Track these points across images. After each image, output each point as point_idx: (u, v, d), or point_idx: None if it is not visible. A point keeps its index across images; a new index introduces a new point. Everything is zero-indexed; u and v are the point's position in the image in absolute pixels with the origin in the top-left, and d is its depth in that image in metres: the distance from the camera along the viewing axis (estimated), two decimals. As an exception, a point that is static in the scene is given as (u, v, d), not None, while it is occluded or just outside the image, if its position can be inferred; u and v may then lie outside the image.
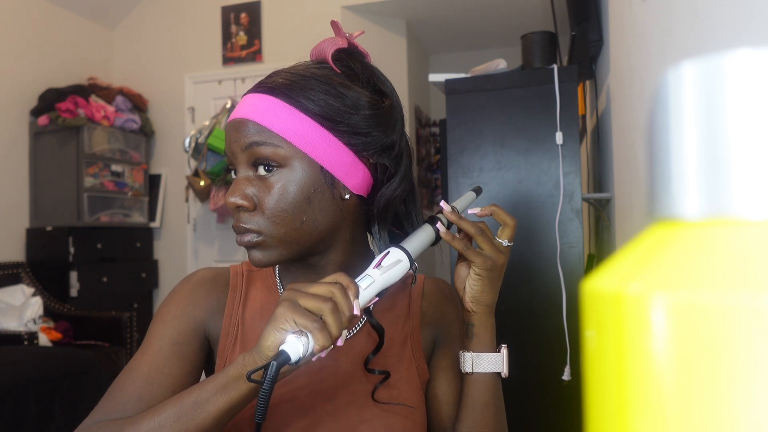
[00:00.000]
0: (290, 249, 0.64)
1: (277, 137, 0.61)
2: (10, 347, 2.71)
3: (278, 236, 0.62)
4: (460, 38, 4.80)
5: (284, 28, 3.94)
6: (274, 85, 0.63)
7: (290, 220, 0.62)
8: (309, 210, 0.63)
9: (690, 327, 0.14)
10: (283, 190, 0.62)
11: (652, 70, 1.02)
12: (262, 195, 0.62)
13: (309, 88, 0.63)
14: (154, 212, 4.20)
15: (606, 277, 0.17)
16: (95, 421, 0.61)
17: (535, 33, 1.81)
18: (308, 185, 0.62)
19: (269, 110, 0.62)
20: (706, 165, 0.16)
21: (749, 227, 0.16)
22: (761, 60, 0.16)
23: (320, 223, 0.64)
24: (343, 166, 0.64)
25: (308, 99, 0.62)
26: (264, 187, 0.62)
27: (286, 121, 0.61)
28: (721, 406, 0.14)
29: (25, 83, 3.68)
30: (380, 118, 0.66)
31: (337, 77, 0.64)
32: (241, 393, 0.55)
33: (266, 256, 0.63)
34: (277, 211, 0.62)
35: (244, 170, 0.63)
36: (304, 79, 0.63)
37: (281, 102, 0.62)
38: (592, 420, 0.17)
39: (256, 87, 0.65)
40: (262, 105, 0.62)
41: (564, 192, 1.67)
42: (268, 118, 0.62)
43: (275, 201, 0.62)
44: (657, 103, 0.18)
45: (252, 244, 0.63)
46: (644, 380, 0.15)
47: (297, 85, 0.63)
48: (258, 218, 0.62)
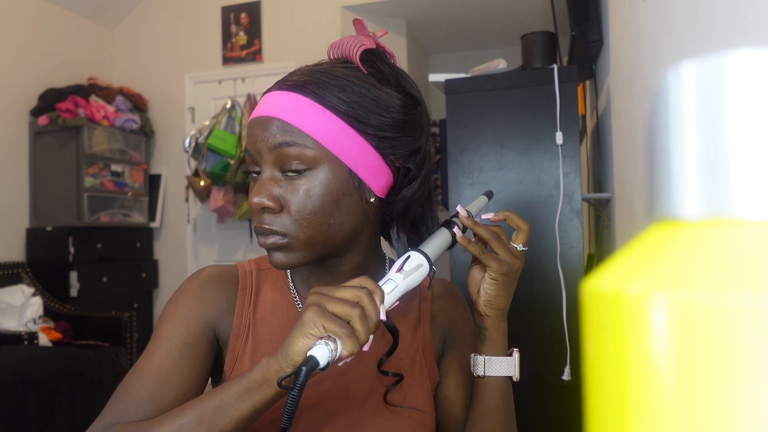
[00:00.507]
0: (314, 252, 0.63)
1: (307, 137, 0.59)
2: (10, 347, 2.71)
3: (304, 239, 0.61)
4: (460, 38, 4.80)
5: (284, 28, 3.94)
6: (303, 83, 0.61)
7: (318, 223, 0.61)
8: (337, 213, 0.61)
9: (690, 327, 0.14)
10: (311, 192, 0.60)
11: (652, 70, 1.02)
12: (290, 196, 0.60)
13: (340, 88, 0.61)
14: (154, 212, 4.20)
15: (606, 277, 0.17)
16: (106, 425, 0.59)
17: (535, 33, 1.81)
18: (337, 188, 0.61)
19: (299, 109, 0.60)
20: (706, 165, 0.16)
21: (749, 227, 0.16)
22: (761, 60, 0.16)
23: (346, 226, 0.63)
24: (370, 169, 0.62)
25: (339, 99, 0.60)
26: (291, 189, 0.61)
27: (317, 122, 0.60)
28: (721, 406, 0.14)
29: (25, 83, 3.68)
30: (411, 122, 0.64)
31: (368, 78, 0.63)
32: (266, 398, 0.54)
33: (290, 259, 0.62)
34: (305, 214, 0.60)
35: (270, 170, 0.62)
36: (335, 78, 0.61)
37: (311, 101, 0.60)
38: (592, 420, 0.17)
39: (282, 84, 0.63)
40: (291, 103, 0.60)
41: (564, 192, 1.67)
42: (297, 117, 0.60)
43: (303, 203, 0.60)
44: (657, 103, 0.18)
45: (277, 246, 0.61)
46: (644, 380, 0.15)
47: (328, 85, 0.61)
48: (284, 220, 0.61)
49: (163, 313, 0.68)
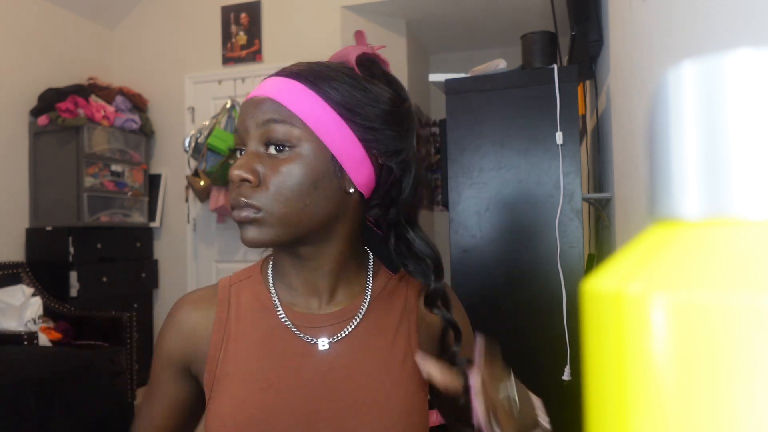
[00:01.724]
0: (287, 231, 0.63)
1: (295, 117, 0.62)
2: (10, 347, 2.71)
3: (278, 215, 0.62)
4: (460, 38, 4.80)
5: (284, 28, 3.94)
6: (298, 71, 0.64)
7: (294, 201, 0.62)
8: (314, 195, 0.63)
9: (690, 327, 0.14)
10: (291, 170, 0.62)
11: (652, 70, 1.02)
12: (270, 173, 0.62)
13: (333, 78, 0.64)
14: (154, 212, 4.20)
15: (606, 277, 0.17)
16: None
17: (535, 33, 1.81)
18: (317, 170, 0.62)
19: (290, 91, 0.63)
20: (706, 165, 0.16)
21: (749, 227, 0.16)
22: (761, 60, 0.16)
23: (322, 210, 0.64)
24: (352, 160, 0.64)
25: (331, 87, 0.63)
26: (272, 165, 0.62)
27: (306, 104, 0.62)
28: (721, 406, 0.14)
29: (25, 83, 3.68)
30: (396, 116, 0.67)
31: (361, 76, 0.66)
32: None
33: (261, 234, 0.63)
34: (283, 190, 0.61)
35: (255, 146, 0.64)
36: (329, 69, 0.65)
37: (303, 86, 0.63)
38: (592, 420, 0.17)
39: (279, 72, 0.66)
40: (284, 86, 0.63)
41: (564, 192, 1.67)
42: (288, 98, 0.62)
43: (282, 180, 0.62)
44: (657, 103, 0.18)
45: (249, 220, 0.62)
46: (644, 380, 0.15)
47: (321, 74, 0.64)
48: (261, 194, 0.62)
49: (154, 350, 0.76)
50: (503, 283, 1.75)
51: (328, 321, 0.70)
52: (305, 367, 0.68)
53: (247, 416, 0.65)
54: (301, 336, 0.68)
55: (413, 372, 0.71)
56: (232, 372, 0.68)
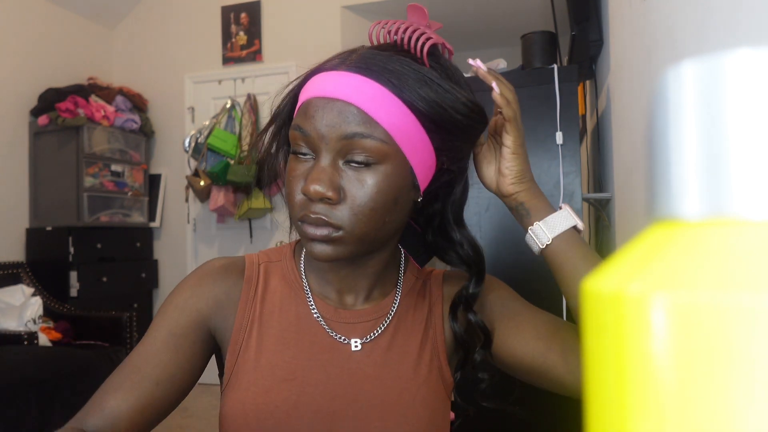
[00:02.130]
0: (362, 248, 0.60)
1: (382, 131, 0.56)
2: (10, 347, 2.71)
3: (359, 234, 0.58)
4: (460, 38, 4.80)
5: (284, 28, 3.94)
6: (380, 70, 0.57)
7: (376, 220, 0.58)
8: (394, 211, 0.59)
9: (690, 327, 0.14)
10: (377, 187, 0.57)
11: (652, 70, 1.02)
12: (352, 188, 0.57)
13: (421, 83, 0.57)
14: (154, 212, 4.20)
15: (606, 277, 0.17)
16: (76, 419, 0.60)
17: (535, 33, 1.81)
18: (400, 185, 0.58)
19: (376, 99, 0.56)
20: (706, 165, 0.16)
21: (749, 227, 0.16)
22: (761, 60, 0.16)
23: (398, 224, 0.61)
24: (425, 169, 0.60)
25: (417, 94, 0.57)
26: (355, 180, 0.57)
27: (393, 115, 0.56)
28: (721, 406, 0.14)
29: (25, 83, 3.68)
30: (474, 129, 0.63)
31: (444, 77, 0.59)
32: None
33: (336, 252, 0.59)
34: (367, 209, 0.57)
35: (332, 157, 0.57)
36: (414, 72, 0.57)
37: (388, 92, 0.56)
38: (592, 420, 0.17)
39: (353, 66, 0.57)
40: (368, 91, 0.56)
41: (564, 192, 1.67)
42: (375, 107, 0.56)
43: (367, 197, 0.57)
44: (657, 103, 0.18)
45: (329, 239, 0.58)
46: (644, 380, 0.15)
47: (408, 78, 0.57)
48: (342, 212, 0.57)
49: (161, 305, 0.67)
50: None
51: (361, 318, 0.68)
52: (333, 363, 0.65)
53: (270, 406, 0.63)
54: (331, 333, 0.66)
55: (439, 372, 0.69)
56: (257, 358, 0.65)
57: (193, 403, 3.36)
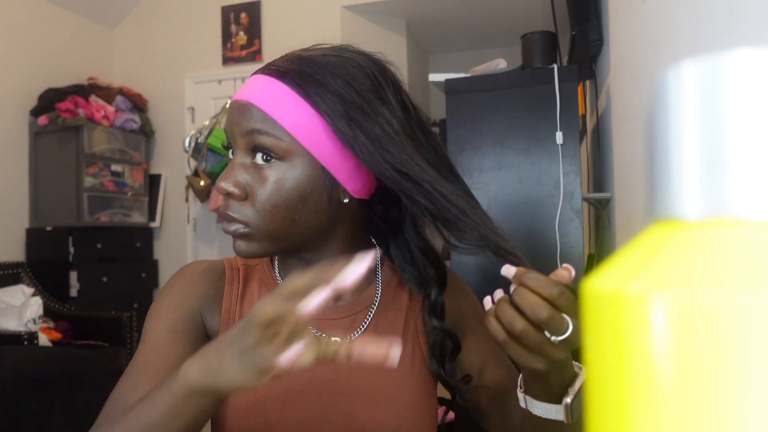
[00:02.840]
0: (277, 244, 0.62)
1: (281, 129, 0.58)
2: (10, 347, 2.71)
3: (266, 231, 0.60)
4: (460, 38, 4.80)
5: (284, 28, 3.94)
6: (287, 70, 0.59)
7: (281, 218, 0.59)
8: (303, 209, 0.60)
9: (690, 327, 0.14)
10: (278, 184, 0.58)
11: (652, 70, 1.02)
12: (256, 185, 0.59)
13: (323, 81, 0.58)
14: (154, 212, 4.20)
15: (606, 277, 0.17)
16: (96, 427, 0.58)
17: (535, 33, 1.81)
18: (306, 184, 0.59)
19: (277, 98, 0.58)
20: (706, 165, 0.16)
21: (749, 227, 0.16)
22: (761, 60, 0.16)
23: (312, 223, 0.61)
24: (346, 170, 0.60)
25: (320, 94, 0.57)
26: (259, 177, 0.59)
27: (293, 114, 0.57)
28: (721, 406, 0.14)
29: (25, 83, 3.68)
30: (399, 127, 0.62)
31: (359, 74, 0.60)
32: (200, 406, 0.48)
33: (251, 248, 0.61)
34: (269, 206, 0.59)
35: (241, 156, 0.60)
36: (321, 69, 0.58)
37: (291, 91, 0.58)
38: (592, 420, 0.17)
39: (267, 69, 0.61)
40: (270, 90, 0.58)
41: (564, 192, 1.67)
42: (274, 106, 0.58)
43: (268, 195, 0.59)
44: (657, 103, 0.18)
45: (238, 235, 0.61)
46: (644, 380, 0.15)
47: (310, 77, 0.58)
48: (248, 209, 0.59)
49: (150, 310, 0.67)
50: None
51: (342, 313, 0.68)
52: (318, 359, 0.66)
53: (259, 403, 0.64)
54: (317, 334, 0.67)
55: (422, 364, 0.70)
56: None
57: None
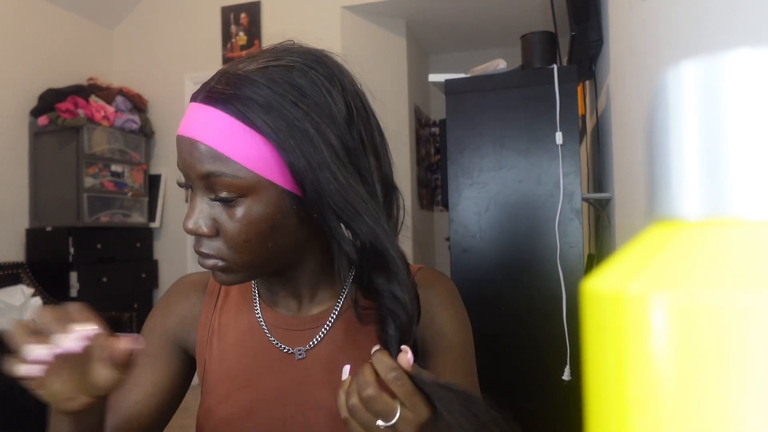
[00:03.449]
0: (257, 271, 0.61)
1: (236, 165, 0.55)
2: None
3: (242, 263, 0.59)
4: (460, 38, 4.80)
5: (284, 28, 3.90)
6: (227, 97, 0.55)
7: (253, 248, 0.58)
8: (274, 236, 0.58)
9: (690, 327, 0.14)
10: (246, 219, 0.56)
11: (652, 70, 1.02)
12: (224, 221, 0.57)
13: (266, 105, 0.54)
14: (154, 212, 4.20)
15: (606, 277, 0.17)
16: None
17: (535, 33, 1.81)
18: (273, 212, 0.57)
19: (223, 132, 0.54)
20: (706, 165, 0.16)
21: (749, 227, 0.16)
22: (761, 60, 0.16)
23: (287, 244, 0.60)
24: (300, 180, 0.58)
25: (266, 121, 0.54)
26: (226, 214, 0.57)
27: (243, 146, 0.54)
28: (721, 407, 0.14)
29: (25, 83, 3.68)
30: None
31: (303, 80, 0.57)
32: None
33: (231, 278, 0.61)
34: (240, 241, 0.57)
35: (201, 195, 0.58)
36: (262, 90, 0.55)
37: (236, 121, 0.54)
38: (592, 420, 0.17)
39: (205, 96, 0.57)
40: (215, 124, 0.55)
41: (564, 192, 1.67)
42: (222, 141, 0.54)
43: (236, 231, 0.57)
44: (657, 103, 0.18)
45: (217, 268, 0.59)
46: (644, 380, 0.15)
47: (253, 102, 0.54)
48: (220, 245, 0.58)
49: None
50: (503, 283, 1.75)
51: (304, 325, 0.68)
52: (282, 370, 0.67)
53: (227, 413, 0.67)
54: (275, 342, 0.68)
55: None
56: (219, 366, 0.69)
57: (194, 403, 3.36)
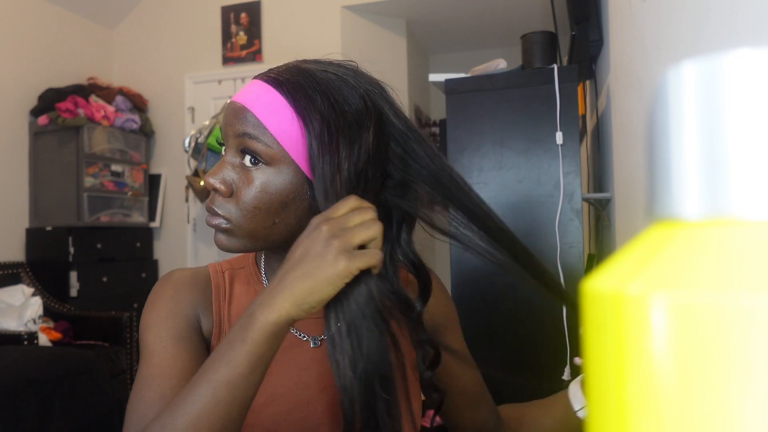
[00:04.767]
0: (256, 243, 0.64)
1: (271, 136, 0.60)
2: (10, 347, 2.71)
3: (246, 229, 0.62)
4: (460, 38, 4.80)
5: (284, 28, 3.94)
6: (284, 81, 0.61)
7: (262, 219, 0.61)
8: (283, 214, 0.62)
9: (690, 327, 0.14)
10: (262, 187, 0.61)
11: (652, 70, 1.02)
12: (242, 185, 0.61)
13: (312, 97, 0.60)
14: (154, 212, 4.20)
15: (606, 277, 0.17)
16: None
17: (535, 33, 1.81)
18: (289, 191, 0.61)
19: (270, 106, 0.60)
20: (706, 165, 0.16)
21: (749, 227, 0.16)
22: (761, 60, 0.16)
23: (292, 227, 0.63)
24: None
25: (308, 109, 0.59)
26: (245, 178, 0.62)
27: (283, 123, 0.60)
28: (721, 406, 0.14)
29: (25, 83, 3.68)
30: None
31: (350, 91, 0.61)
32: (274, 352, 0.53)
33: (230, 243, 0.63)
34: (251, 207, 0.61)
35: (231, 155, 0.63)
36: (314, 84, 0.61)
37: (284, 101, 0.60)
38: (592, 420, 0.17)
39: (266, 75, 0.63)
40: (266, 98, 0.61)
41: (564, 192, 1.67)
42: (266, 113, 0.60)
43: (252, 196, 0.61)
44: (657, 103, 0.18)
45: (220, 229, 0.63)
46: (644, 380, 0.15)
47: (303, 90, 0.60)
48: (231, 206, 0.62)
49: (144, 323, 0.67)
50: (503, 283, 1.75)
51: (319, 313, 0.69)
52: (301, 356, 0.69)
53: (286, 403, 0.67)
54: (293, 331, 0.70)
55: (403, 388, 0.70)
56: None
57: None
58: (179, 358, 0.62)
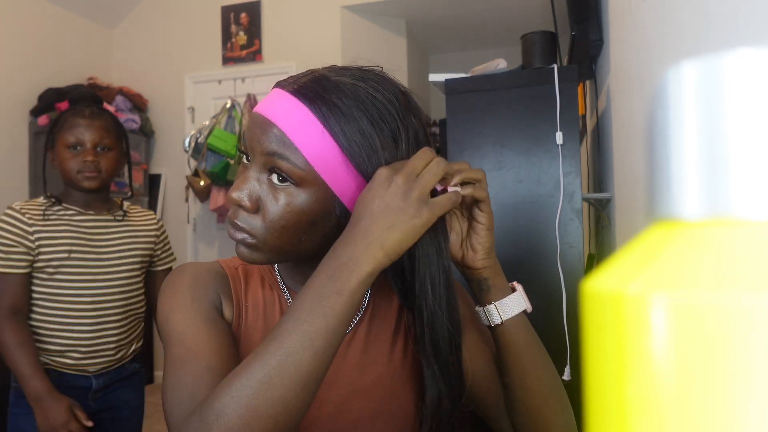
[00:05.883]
0: (281, 257, 0.63)
1: (300, 157, 0.58)
2: (10, 347, 2.70)
3: (272, 245, 0.61)
4: (460, 38, 4.80)
5: (284, 28, 3.94)
6: (314, 96, 0.58)
7: (289, 236, 0.60)
8: (310, 232, 0.61)
9: (690, 327, 0.14)
10: (290, 207, 0.59)
11: (652, 70, 1.02)
12: (268, 202, 0.60)
13: (348, 116, 0.58)
14: (154, 212, 4.20)
15: (606, 277, 0.17)
16: (185, 415, 0.53)
17: (535, 33, 1.81)
18: (317, 210, 0.60)
19: (300, 124, 0.58)
20: (706, 165, 0.16)
21: (749, 227, 0.16)
22: (761, 60, 0.16)
23: (319, 243, 0.62)
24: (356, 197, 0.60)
25: (344, 130, 0.57)
26: (272, 195, 0.60)
27: (315, 143, 0.57)
28: (721, 407, 0.14)
29: (25, 83, 3.68)
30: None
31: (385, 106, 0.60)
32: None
33: (254, 256, 0.62)
34: (278, 226, 0.59)
35: (257, 170, 0.60)
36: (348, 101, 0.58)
37: (315, 119, 0.57)
38: (592, 420, 0.17)
39: (293, 87, 0.60)
40: (295, 114, 0.58)
41: (564, 192, 1.67)
42: (296, 132, 0.57)
43: (279, 215, 0.59)
44: (657, 103, 0.18)
45: (244, 243, 0.61)
46: (644, 380, 0.15)
47: (337, 109, 0.58)
48: (256, 222, 0.60)
49: (164, 311, 0.65)
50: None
51: None
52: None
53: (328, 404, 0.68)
54: None
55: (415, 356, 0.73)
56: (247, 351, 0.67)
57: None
58: (215, 335, 0.61)
